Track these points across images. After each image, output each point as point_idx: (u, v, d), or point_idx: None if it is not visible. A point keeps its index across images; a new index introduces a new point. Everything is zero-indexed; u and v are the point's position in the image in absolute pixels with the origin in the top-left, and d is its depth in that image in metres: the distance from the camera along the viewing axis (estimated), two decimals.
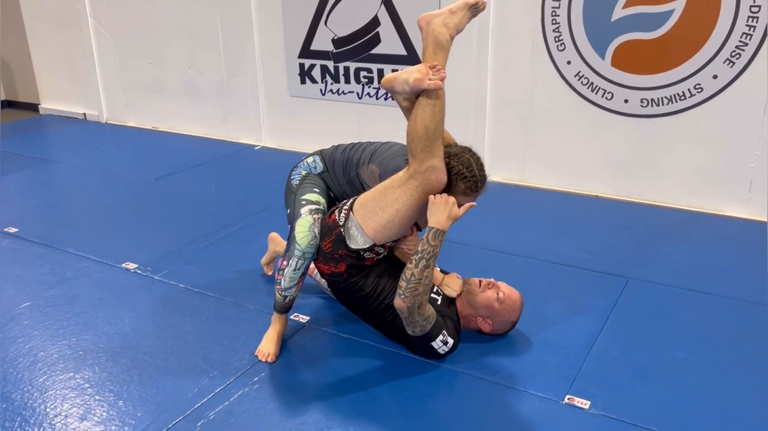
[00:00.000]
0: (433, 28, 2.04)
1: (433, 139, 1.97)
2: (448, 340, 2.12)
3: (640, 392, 2.04)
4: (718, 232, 3.22)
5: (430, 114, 1.97)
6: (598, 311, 2.51)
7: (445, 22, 2.05)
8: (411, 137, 1.99)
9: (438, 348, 2.13)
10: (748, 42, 3.13)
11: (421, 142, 1.97)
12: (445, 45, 2.06)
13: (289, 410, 2.00)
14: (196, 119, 5.13)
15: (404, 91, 2.02)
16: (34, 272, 2.93)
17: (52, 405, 2.04)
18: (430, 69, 1.98)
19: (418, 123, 1.97)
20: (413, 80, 1.97)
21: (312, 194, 2.27)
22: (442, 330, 2.11)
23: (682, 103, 3.36)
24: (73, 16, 5.43)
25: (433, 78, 1.96)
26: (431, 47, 2.05)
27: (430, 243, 2.00)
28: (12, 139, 5.23)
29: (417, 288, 1.99)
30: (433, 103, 1.97)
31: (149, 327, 2.46)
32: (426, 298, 2.04)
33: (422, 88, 1.97)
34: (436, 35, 2.04)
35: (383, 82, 2.10)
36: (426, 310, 2.06)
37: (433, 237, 2.00)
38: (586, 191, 3.74)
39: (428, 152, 1.97)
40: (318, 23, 4.29)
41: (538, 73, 3.67)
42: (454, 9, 2.06)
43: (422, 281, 1.99)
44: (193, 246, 3.14)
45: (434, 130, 1.97)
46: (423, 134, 1.96)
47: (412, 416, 1.96)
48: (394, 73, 2.08)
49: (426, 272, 1.99)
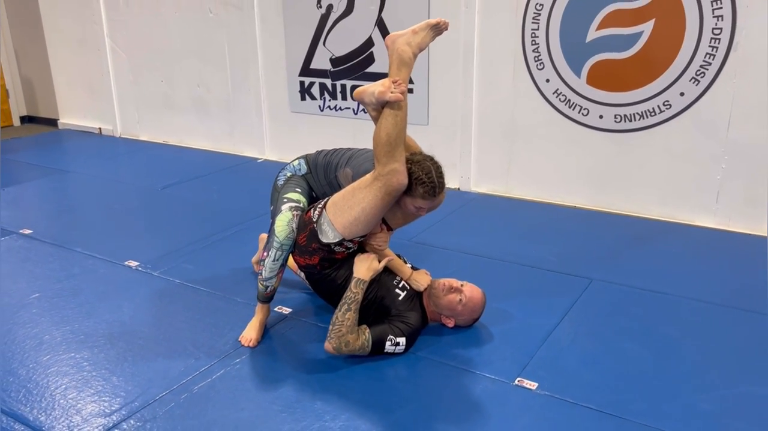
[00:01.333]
0: (398, 47, 2.26)
1: (394, 145, 2.18)
2: (398, 341, 2.31)
3: (586, 376, 2.23)
4: (685, 240, 3.39)
5: (392, 123, 2.19)
6: (559, 307, 2.70)
7: (409, 41, 2.27)
8: (375, 143, 2.21)
9: (393, 351, 2.32)
10: (711, 62, 3.33)
11: (384, 147, 2.18)
12: (408, 62, 2.27)
13: (265, 386, 2.21)
14: (203, 133, 5.42)
15: (371, 102, 2.25)
16: (45, 268, 3.18)
17: (54, 379, 2.27)
18: (392, 83, 2.20)
19: (381, 131, 2.19)
20: (377, 93, 2.20)
21: (294, 193, 2.50)
22: (387, 336, 2.31)
23: (653, 119, 3.56)
24: (92, 38, 5.78)
25: (395, 91, 2.18)
26: (395, 64, 2.26)
27: (352, 290, 2.27)
28: (32, 151, 5.56)
29: (341, 329, 2.24)
30: (395, 114, 2.19)
31: (145, 316, 2.70)
32: (352, 337, 2.24)
33: (385, 100, 2.19)
34: (399, 53, 2.26)
35: (354, 94, 2.34)
36: (355, 343, 2.26)
37: (355, 285, 2.28)
38: (565, 201, 3.94)
39: (390, 157, 2.18)
40: (317, 44, 4.57)
41: (519, 90, 3.90)
42: (417, 29, 2.28)
43: (345, 323, 2.25)
44: (192, 247, 3.38)
45: (396, 137, 2.18)
46: (386, 140, 2.18)
47: (375, 393, 2.17)
48: (363, 86, 2.32)
49: (348, 315, 2.25)
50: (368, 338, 2.28)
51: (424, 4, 4.03)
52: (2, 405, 2.13)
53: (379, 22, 4.25)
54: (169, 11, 5.23)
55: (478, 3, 3.87)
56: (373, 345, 2.29)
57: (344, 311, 2.26)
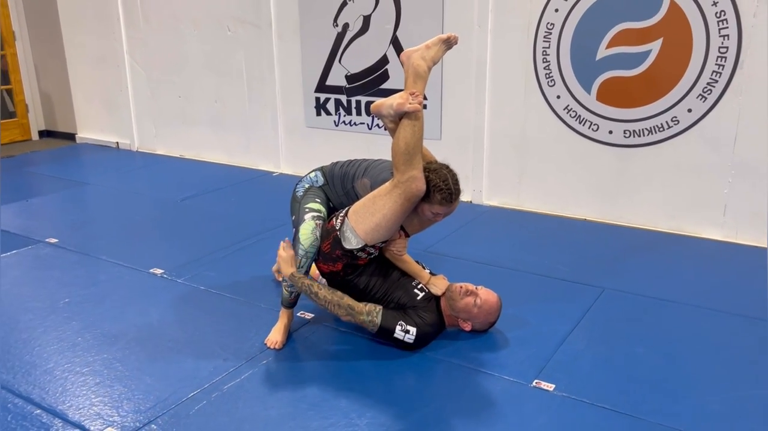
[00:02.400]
0: (413, 62, 2.39)
1: (413, 153, 2.30)
2: (408, 328, 2.41)
3: (600, 378, 2.31)
4: (693, 252, 3.49)
5: (410, 133, 2.30)
6: (572, 314, 2.79)
7: (423, 55, 2.40)
8: (394, 152, 2.33)
9: (403, 338, 2.41)
10: (717, 80, 3.45)
11: (402, 156, 2.30)
12: (423, 75, 2.40)
13: (292, 386, 2.30)
14: (220, 147, 5.55)
15: (389, 114, 2.37)
16: (72, 274, 3.29)
17: (89, 378, 2.36)
18: (410, 95, 2.32)
19: (400, 140, 2.31)
20: (396, 104, 2.32)
21: (314, 203, 2.61)
22: (398, 321, 2.41)
23: (661, 135, 3.67)
24: (111, 54, 5.94)
25: (413, 102, 2.31)
26: (411, 77, 2.40)
27: (297, 286, 2.46)
28: (51, 164, 5.70)
29: (331, 310, 2.41)
30: (413, 124, 2.31)
31: (172, 320, 2.80)
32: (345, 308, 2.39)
33: (404, 111, 2.31)
34: (415, 67, 2.39)
35: (372, 107, 2.46)
36: (360, 309, 2.39)
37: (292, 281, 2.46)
38: (575, 214, 4.04)
39: (409, 165, 2.29)
40: (333, 61, 4.71)
41: (530, 106, 4.02)
42: (430, 44, 2.42)
43: (327, 307, 2.41)
44: (213, 256, 3.48)
45: (414, 146, 2.30)
46: (404, 149, 2.29)
47: (397, 392, 2.26)
48: (381, 99, 2.44)
49: (319, 302, 2.42)
50: (378, 309, 2.40)
51: (437, 24, 4.17)
52: (42, 402, 2.22)
53: (394, 40, 4.39)
54: (188, 29, 5.39)
55: (491, 22, 4.01)
56: (382, 320, 2.39)
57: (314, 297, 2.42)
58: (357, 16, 4.50)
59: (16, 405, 2.20)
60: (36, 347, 2.58)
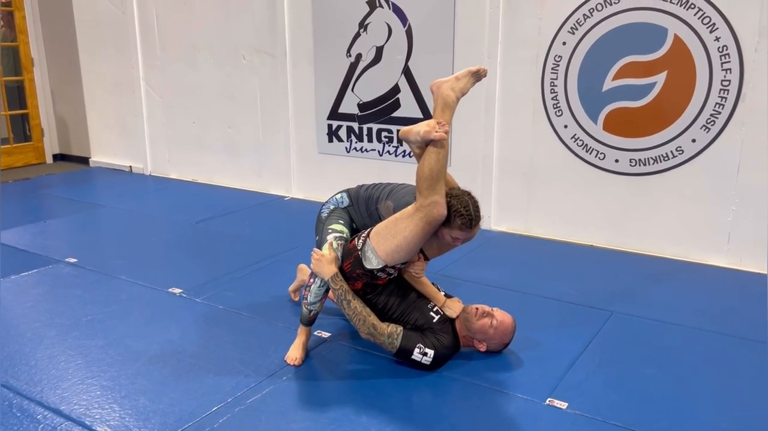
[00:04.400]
0: (443, 92, 2.52)
1: (436, 179, 2.40)
2: (426, 351, 2.49)
3: (612, 397, 2.38)
4: (698, 278, 3.57)
5: (435, 159, 2.41)
6: (583, 337, 2.86)
7: (452, 86, 2.52)
8: (419, 177, 2.43)
9: (420, 359, 2.49)
10: (720, 111, 3.57)
11: (426, 181, 2.40)
12: (452, 105, 2.53)
13: (312, 401, 2.37)
14: (232, 172, 5.67)
15: (416, 140, 2.47)
16: (93, 293, 3.37)
17: (113, 393, 2.43)
18: (437, 124, 2.44)
19: (425, 166, 2.42)
20: (423, 132, 2.43)
21: (337, 224, 2.71)
22: (417, 343, 2.49)
23: (666, 164, 3.78)
24: (127, 81, 6.10)
25: (439, 131, 2.41)
26: (440, 107, 2.52)
27: (335, 288, 2.50)
28: (66, 186, 5.82)
29: (359, 317, 2.48)
30: (438, 151, 2.42)
31: (193, 338, 2.87)
32: (373, 319, 2.47)
33: (430, 139, 2.42)
34: (444, 97, 2.51)
35: (401, 133, 2.57)
36: (382, 330, 2.47)
37: (333, 283, 2.50)
38: (582, 240, 4.13)
39: (432, 190, 2.40)
40: (346, 90, 4.85)
41: (538, 135, 4.14)
42: (460, 76, 2.54)
43: (355, 310, 2.48)
44: (230, 276, 3.57)
45: (438, 172, 2.40)
46: (428, 174, 2.40)
47: (415, 409, 2.32)
48: (409, 125, 2.55)
49: (352, 304, 2.48)
50: (399, 331, 2.47)
51: (448, 55, 4.31)
52: (71, 415, 2.29)
53: (406, 70, 4.54)
54: (203, 57, 5.55)
55: (500, 54, 4.15)
56: (402, 342, 2.47)
57: (347, 304, 2.48)
58: (370, 47, 4.65)
59: (45, 417, 2.27)
60: (62, 362, 2.66)
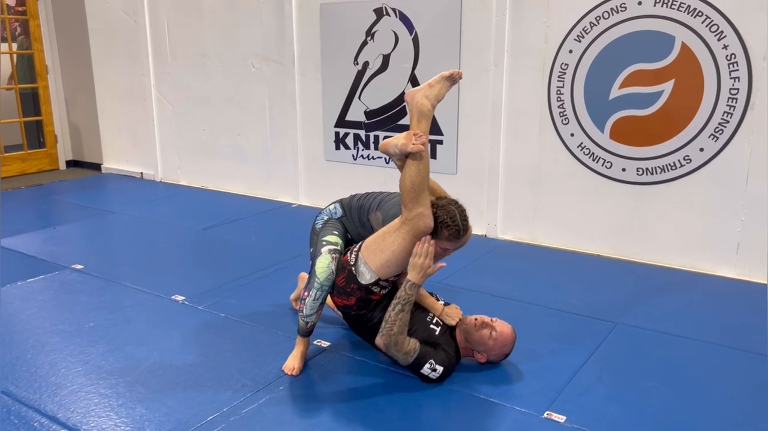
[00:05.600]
0: (417, 101, 2.44)
1: (419, 191, 2.35)
2: (436, 367, 2.46)
3: (612, 411, 2.34)
4: (706, 289, 3.51)
5: (415, 172, 2.36)
6: (585, 348, 2.83)
7: (426, 94, 2.45)
8: (401, 191, 2.39)
9: (428, 374, 2.47)
10: (729, 120, 3.52)
11: (409, 194, 2.36)
12: (427, 114, 2.45)
13: (308, 412, 2.36)
14: (241, 179, 5.69)
15: (396, 153, 2.43)
16: (97, 300, 3.39)
17: (112, 400, 2.44)
18: (413, 135, 2.38)
19: (406, 179, 2.37)
20: (400, 145, 2.38)
21: (331, 236, 2.69)
22: (429, 359, 2.46)
23: (673, 173, 3.73)
24: (138, 89, 6.16)
25: (416, 143, 2.35)
26: (415, 117, 2.45)
27: (407, 292, 2.39)
28: (78, 193, 5.88)
29: (392, 328, 2.38)
30: (417, 163, 2.36)
31: (193, 346, 2.87)
32: (402, 337, 2.40)
33: (407, 152, 2.38)
34: (419, 106, 2.44)
35: (381, 146, 2.53)
36: (404, 346, 2.41)
37: (410, 288, 2.39)
38: (588, 250, 4.09)
39: (415, 202, 2.35)
40: (353, 98, 4.85)
41: (545, 143, 4.12)
42: (433, 83, 2.47)
43: (396, 322, 2.38)
44: (234, 284, 3.58)
45: (419, 184, 2.35)
46: (410, 187, 2.35)
47: (409, 421, 2.30)
48: (387, 138, 2.51)
49: (400, 315, 2.37)
50: (416, 348, 2.43)
51: (455, 63, 4.30)
52: (67, 422, 2.30)
53: (413, 78, 4.53)
54: (213, 65, 5.59)
55: (507, 62, 4.13)
56: (416, 358, 2.44)
57: (397, 311, 2.38)
58: (377, 55, 4.66)
59: (42, 424, 2.28)
60: (62, 368, 2.67)
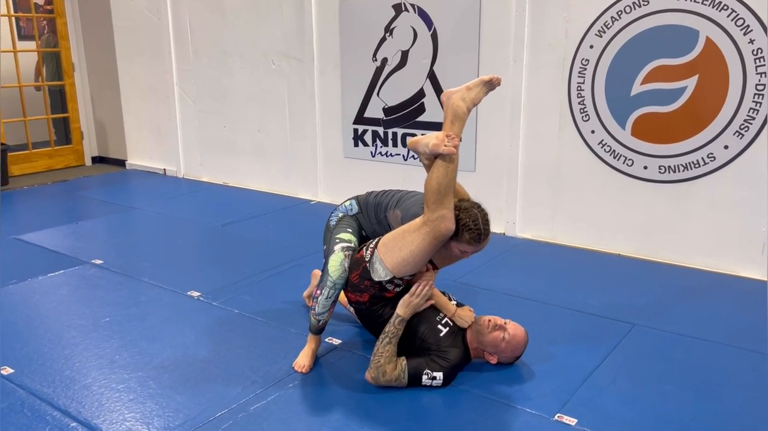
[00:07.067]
0: (453, 102, 2.41)
1: (444, 194, 2.32)
2: (434, 376, 2.43)
3: (625, 415, 2.29)
4: (729, 290, 3.42)
5: (443, 173, 2.32)
6: (600, 350, 2.77)
7: (463, 96, 2.41)
8: (426, 190, 2.36)
9: (430, 384, 2.44)
10: (755, 116, 3.42)
11: (434, 195, 2.33)
12: (462, 117, 2.41)
13: (316, 410, 2.36)
14: (261, 175, 5.72)
15: (425, 152, 2.40)
16: (115, 295, 3.43)
17: (123, 394, 2.46)
18: (446, 137, 2.35)
19: (433, 180, 2.34)
20: (431, 145, 2.35)
21: (345, 233, 2.68)
22: (423, 370, 2.43)
23: (697, 171, 3.64)
24: (162, 86, 6.22)
25: (448, 145, 2.32)
26: (450, 118, 2.41)
27: (395, 327, 2.44)
28: (102, 189, 5.97)
29: (379, 360, 2.41)
30: (446, 165, 2.33)
31: (206, 342, 2.89)
32: (389, 366, 2.41)
33: (438, 152, 2.35)
34: (454, 108, 2.40)
35: (409, 143, 2.51)
36: (392, 374, 2.41)
37: (399, 323, 2.45)
38: (609, 249, 4.01)
39: (439, 204, 2.32)
40: (371, 94, 4.83)
41: (565, 140, 4.05)
42: (471, 86, 2.43)
43: (383, 354, 2.42)
44: (249, 280, 3.59)
45: (446, 186, 2.32)
46: (436, 189, 2.32)
47: (419, 421, 2.28)
48: (418, 136, 2.49)
49: (387, 347, 2.43)
50: (404, 369, 2.42)
51: (474, 59, 4.26)
52: (78, 416, 2.33)
53: (431, 74, 4.49)
54: (235, 62, 5.62)
55: (526, 58, 4.07)
56: (409, 377, 2.42)
57: (384, 344, 2.43)
58: (396, 51, 4.63)
59: (54, 418, 2.31)
60: (76, 362, 2.71)
